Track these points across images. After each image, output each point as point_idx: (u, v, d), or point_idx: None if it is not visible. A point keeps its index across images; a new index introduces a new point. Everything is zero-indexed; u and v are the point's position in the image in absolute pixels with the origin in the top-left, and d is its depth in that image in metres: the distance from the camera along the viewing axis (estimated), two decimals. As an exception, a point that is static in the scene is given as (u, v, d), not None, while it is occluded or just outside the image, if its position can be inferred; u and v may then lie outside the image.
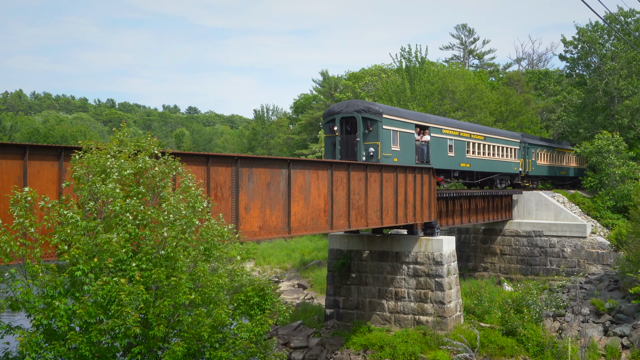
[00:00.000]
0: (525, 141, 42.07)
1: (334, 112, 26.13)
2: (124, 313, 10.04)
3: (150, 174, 11.57)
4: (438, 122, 30.64)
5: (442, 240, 26.48)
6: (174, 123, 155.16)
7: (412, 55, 53.41)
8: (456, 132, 31.76)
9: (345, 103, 26.46)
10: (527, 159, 42.25)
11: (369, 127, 25.19)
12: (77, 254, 10.23)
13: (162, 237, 11.11)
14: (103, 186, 10.69)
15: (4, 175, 10.93)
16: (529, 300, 26.97)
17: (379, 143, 25.01)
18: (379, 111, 25.33)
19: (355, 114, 25.50)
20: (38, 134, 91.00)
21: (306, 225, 18.65)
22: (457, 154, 31.79)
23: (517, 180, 41.13)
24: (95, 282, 10.15)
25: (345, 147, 25.70)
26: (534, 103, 66.34)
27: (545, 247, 37.51)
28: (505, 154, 38.30)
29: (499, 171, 37.27)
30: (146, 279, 10.79)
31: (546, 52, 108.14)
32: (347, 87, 70.37)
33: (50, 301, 10.10)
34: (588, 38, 49.01)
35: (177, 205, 11.57)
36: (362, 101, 25.80)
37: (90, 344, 10.13)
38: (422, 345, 24.65)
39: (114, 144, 11.83)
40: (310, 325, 29.38)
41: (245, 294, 12.94)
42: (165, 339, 11.29)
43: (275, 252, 51.05)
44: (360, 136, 25.28)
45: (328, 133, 26.30)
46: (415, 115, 29.09)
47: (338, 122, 25.85)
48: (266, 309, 13.05)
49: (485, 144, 35.37)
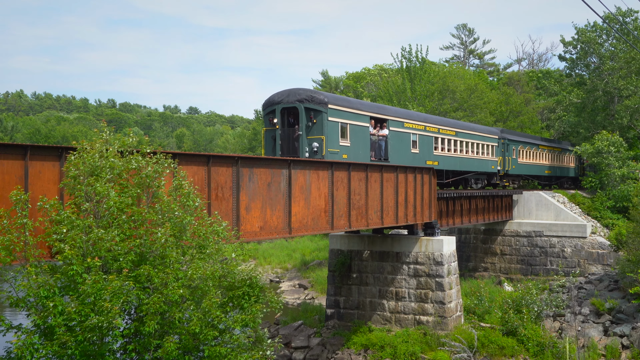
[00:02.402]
0: (504, 137, 38.82)
1: (274, 102, 23.23)
2: (104, 308, 9.93)
3: (144, 174, 11.59)
4: (399, 114, 27.67)
5: (442, 240, 26.52)
6: (174, 123, 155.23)
7: (412, 55, 53.56)
8: (421, 127, 28.86)
9: (287, 92, 23.28)
10: (506, 157, 38.87)
11: (313, 119, 22.38)
12: (71, 255, 10.25)
13: (155, 237, 11.14)
14: (98, 185, 10.71)
15: (5, 175, 10.96)
16: (528, 300, 27.00)
17: (323, 137, 22.19)
18: (324, 100, 22.50)
19: (297, 104, 22.56)
20: (39, 134, 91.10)
21: (307, 225, 18.69)
22: (422, 151, 28.85)
23: (496, 180, 38.16)
24: (86, 282, 10.11)
25: (287, 142, 22.88)
26: (534, 103, 66.41)
27: (545, 247, 37.53)
28: (481, 151, 35.43)
29: (473, 170, 34.59)
30: (140, 277, 10.83)
31: (546, 52, 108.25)
32: (348, 87, 70.45)
33: (45, 302, 10.11)
34: (586, 39, 49.08)
35: (171, 205, 11.60)
36: (306, 89, 23.08)
37: (77, 343, 10.06)
38: (422, 345, 24.70)
39: (100, 143, 11.74)
40: (311, 325, 29.42)
41: (235, 287, 12.94)
42: (160, 336, 11.28)
43: (276, 252, 51.15)
44: (302, 129, 22.41)
45: (268, 126, 23.44)
46: (371, 106, 26.04)
47: (278, 114, 22.97)
48: (253, 297, 12.97)
49: (457, 140, 32.57)
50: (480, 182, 36.59)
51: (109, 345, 10.67)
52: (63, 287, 10.63)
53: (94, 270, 10.28)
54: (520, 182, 42.87)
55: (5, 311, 28.77)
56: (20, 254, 10.33)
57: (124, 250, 10.83)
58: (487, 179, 37.63)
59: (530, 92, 68.95)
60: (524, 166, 41.79)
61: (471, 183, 35.64)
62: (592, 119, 50.52)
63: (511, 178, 40.92)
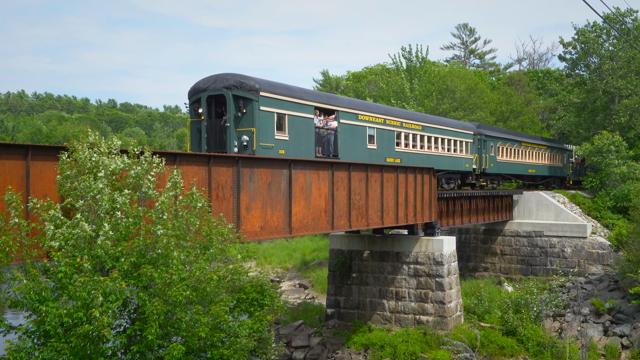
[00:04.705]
0: (481, 133, 35.80)
1: (199, 89, 20.46)
2: (93, 316, 9.76)
3: (133, 173, 11.57)
4: (353, 105, 24.76)
5: (442, 240, 26.56)
6: (175, 123, 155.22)
7: (412, 55, 53.59)
8: (380, 120, 25.95)
9: (214, 77, 20.45)
10: (483, 154, 35.82)
11: (242, 109, 19.58)
12: (58, 257, 10.17)
13: (156, 236, 11.10)
14: (93, 183, 10.70)
15: (6, 175, 10.97)
16: (528, 300, 27.04)
17: (254, 129, 19.40)
18: (255, 87, 19.62)
19: (225, 92, 19.79)
20: (40, 134, 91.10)
21: (307, 225, 18.73)
22: (381, 147, 26.02)
23: (471, 179, 35.28)
24: (75, 284, 10.00)
25: (214, 135, 20.21)
26: (534, 103, 66.45)
27: (545, 247, 37.56)
28: (453, 147, 32.55)
29: (443, 169, 31.70)
30: (142, 276, 10.80)
31: (547, 52, 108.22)
32: (349, 87, 70.48)
33: (38, 305, 10.01)
34: (585, 39, 49.14)
35: (172, 205, 11.59)
36: (235, 74, 20.19)
37: (71, 349, 9.97)
38: (422, 345, 24.76)
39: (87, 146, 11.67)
40: (311, 325, 29.47)
41: (244, 290, 12.96)
42: (165, 337, 11.27)
43: (277, 252, 51.16)
44: (230, 120, 19.63)
45: (193, 117, 20.73)
46: (316, 95, 23.05)
47: (204, 103, 20.23)
48: (265, 305, 13.07)
49: (424, 135, 29.67)
50: (453, 182, 34.00)
51: (105, 350, 10.54)
52: (56, 290, 10.53)
53: (85, 272, 10.17)
54: (500, 182, 40.23)
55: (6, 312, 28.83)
56: (18, 255, 10.31)
57: (126, 251, 10.77)
58: (461, 179, 35.02)
59: (531, 92, 69.00)
60: (503, 164, 38.87)
61: (442, 183, 32.96)
62: (592, 118, 50.54)
63: (489, 177, 38.15)
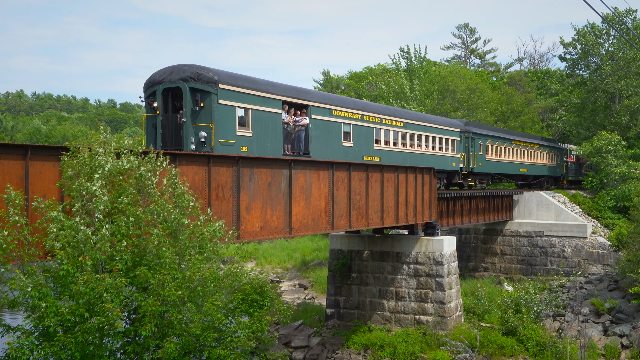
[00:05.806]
0: (469, 130, 34.38)
1: (155, 81, 18.95)
2: (106, 309, 9.92)
3: (138, 174, 11.56)
4: (326, 100, 23.32)
5: (442, 240, 26.54)
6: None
7: (411, 55, 53.54)
8: (357, 115, 24.63)
9: (170, 69, 18.95)
10: (471, 153, 34.47)
11: (200, 103, 18.15)
12: (61, 255, 10.21)
13: (151, 237, 11.13)
14: (90, 184, 10.69)
15: (5, 175, 10.95)
16: (528, 300, 27.03)
17: (212, 125, 17.95)
18: (213, 79, 18.17)
19: (181, 84, 18.30)
20: (39, 134, 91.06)
21: (307, 225, 18.71)
22: (357, 144, 24.65)
23: (458, 179, 33.75)
24: (78, 282, 10.06)
25: (170, 131, 18.72)
26: (535, 103, 66.46)
27: (545, 247, 37.55)
28: (438, 146, 31.10)
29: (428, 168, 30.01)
30: (138, 277, 10.81)
31: (547, 52, 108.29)
32: (349, 87, 70.48)
33: (38, 303, 10.07)
34: (584, 41, 49.14)
35: (165, 205, 11.58)
36: (192, 65, 18.73)
37: (77, 344, 10.04)
38: (422, 345, 24.73)
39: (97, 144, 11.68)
40: (311, 325, 29.45)
41: (243, 291, 12.94)
42: (160, 337, 11.28)
43: (276, 252, 51.12)
44: (187, 115, 18.12)
45: (148, 112, 19.19)
46: (285, 88, 21.26)
47: (160, 96, 18.75)
48: (264, 306, 13.05)
49: (407, 132, 28.32)
50: (439, 182, 32.40)
51: (109, 346, 10.65)
52: (56, 288, 10.58)
53: (86, 270, 10.22)
54: (489, 182, 38.89)
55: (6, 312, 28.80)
56: (17, 254, 10.30)
57: (120, 248, 10.79)
58: (447, 178, 33.51)
59: (532, 92, 69.01)
60: (493, 164, 37.52)
61: None
62: (593, 118, 50.55)
63: (478, 177, 36.81)
